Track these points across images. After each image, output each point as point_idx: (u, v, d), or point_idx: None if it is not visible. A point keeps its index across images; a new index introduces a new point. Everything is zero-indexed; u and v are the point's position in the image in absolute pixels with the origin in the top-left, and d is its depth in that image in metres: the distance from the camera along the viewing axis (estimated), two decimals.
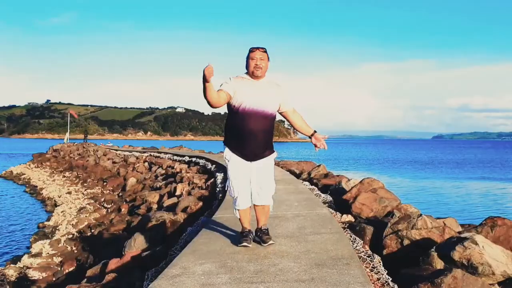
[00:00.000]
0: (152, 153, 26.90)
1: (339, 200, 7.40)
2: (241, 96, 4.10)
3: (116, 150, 34.36)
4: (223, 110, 4.34)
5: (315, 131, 4.34)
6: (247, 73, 4.21)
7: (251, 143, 4.14)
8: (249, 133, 4.11)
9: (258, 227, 4.41)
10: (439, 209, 17.49)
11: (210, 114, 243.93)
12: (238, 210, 4.30)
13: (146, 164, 22.25)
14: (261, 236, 4.35)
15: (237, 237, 4.47)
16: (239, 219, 4.37)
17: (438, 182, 29.61)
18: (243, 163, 4.21)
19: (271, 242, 4.33)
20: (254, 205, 4.34)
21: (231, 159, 4.25)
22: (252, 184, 4.25)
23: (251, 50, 4.13)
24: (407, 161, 56.26)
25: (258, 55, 4.11)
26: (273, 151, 4.35)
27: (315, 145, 4.28)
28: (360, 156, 70.56)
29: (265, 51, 4.14)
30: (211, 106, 4.03)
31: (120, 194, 17.08)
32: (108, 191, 18.42)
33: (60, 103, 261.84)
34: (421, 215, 5.24)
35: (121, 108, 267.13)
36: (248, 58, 4.15)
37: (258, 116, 4.09)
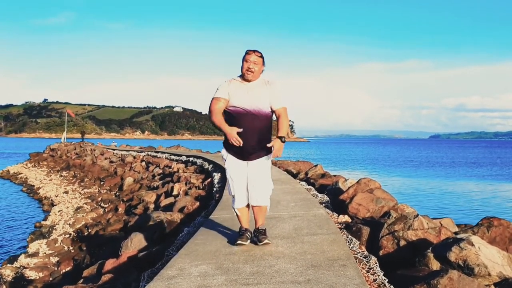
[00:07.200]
0: (149, 153, 26.88)
1: (336, 200, 7.40)
2: (234, 98, 4.17)
3: (114, 149, 34.33)
4: None
5: (282, 137, 4.21)
6: (241, 75, 4.25)
7: (245, 143, 4.13)
8: (244, 134, 4.12)
9: (256, 227, 4.43)
10: (436, 209, 17.54)
11: (207, 113, 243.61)
12: (236, 209, 4.36)
13: (143, 163, 22.22)
14: (257, 235, 4.39)
15: (235, 237, 4.47)
16: (237, 217, 4.43)
17: (434, 182, 29.66)
18: (238, 163, 4.27)
19: (266, 241, 4.34)
20: (251, 205, 4.37)
21: (227, 158, 4.33)
22: (248, 184, 4.29)
23: (247, 52, 4.17)
24: (404, 161, 56.34)
25: (252, 58, 4.14)
26: (270, 152, 4.29)
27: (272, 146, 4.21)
28: (357, 156, 70.65)
29: (261, 56, 4.18)
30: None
31: (117, 193, 17.06)
32: (105, 191, 18.39)
33: (57, 102, 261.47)
34: (417, 215, 5.24)
35: (118, 107, 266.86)
36: (243, 59, 4.19)
37: (250, 116, 4.12)
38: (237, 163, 4.27)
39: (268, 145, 4.20)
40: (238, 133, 4.15)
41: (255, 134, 4.15)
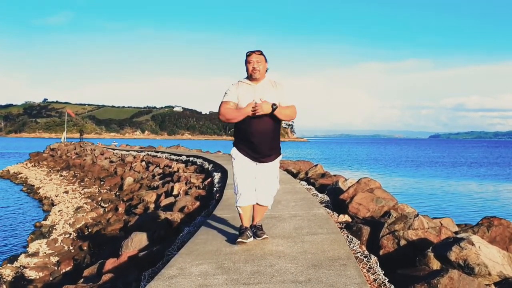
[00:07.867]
0: (149, 152, 26.88)
1: (336, 200, 7.40)
2: (242, 102, 4.23)
3: (113, 149, 34.34)
4: None
5: (275, 105, 4.14)
6: (247, 77, 4.34)
7: (256, 145, 4.26)
8: (254, 136, 4.23)
9: (252, 224, 4.56)
10: (436, 209, 17.53)
11: (207, 113, 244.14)
12: (239, 207, 4.41)
13: (143, 163, 22.22)
14: (255, 231, 4.53)
15: (235, 237, 4.49)
16: (240, 215, 4.47)
17: (435, 182, 29.65)
18: (248, 163, 4.35)
19: (265, 236, 4.51)
20: (256, 204, 4.46)
21: (237, 157, 4.39)
22: (255, 184, 4.39)
23: (248, 54, 4.28)
24: (404, 160, 56.32)
25: (254, 58, 4.25)
26: (279, 154, 4.48)
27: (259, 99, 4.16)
28: (357, 155, 70.63)
29: (261, 54, 4.29)
30: (228, 122, 4.24)
31: (117, 193, 17.06)
32: (105, 191, 18.39)
33: (57, 102, 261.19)
34: (417, 215, 5.25)
35: (118, 107, 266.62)
36: (245, 62, 4.29)
37: (259, 119, 4.18)
38: (247, 163, 4.35)
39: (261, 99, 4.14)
40: (247, 137, 4.25)
41: (267, 136, 4.26)
